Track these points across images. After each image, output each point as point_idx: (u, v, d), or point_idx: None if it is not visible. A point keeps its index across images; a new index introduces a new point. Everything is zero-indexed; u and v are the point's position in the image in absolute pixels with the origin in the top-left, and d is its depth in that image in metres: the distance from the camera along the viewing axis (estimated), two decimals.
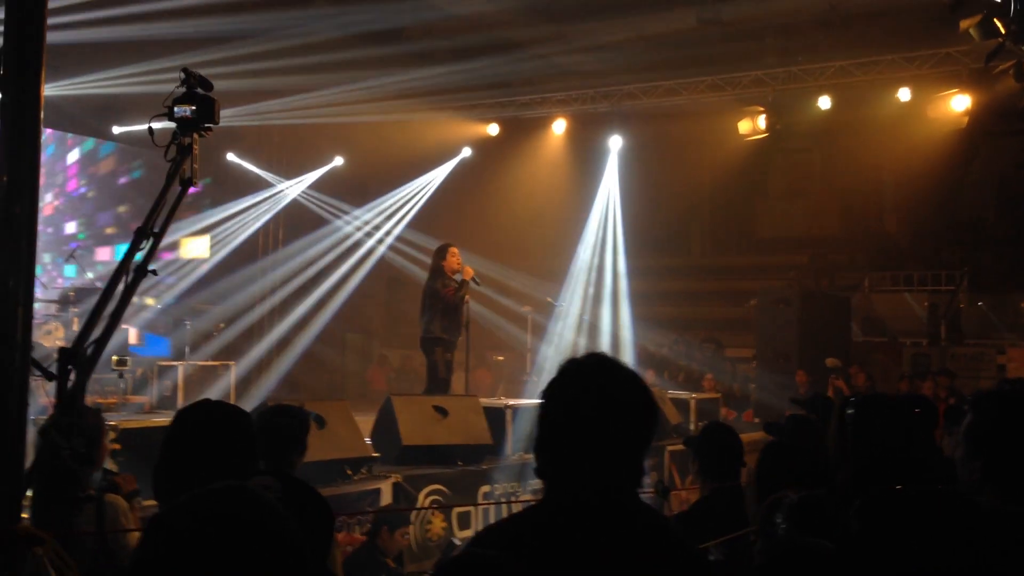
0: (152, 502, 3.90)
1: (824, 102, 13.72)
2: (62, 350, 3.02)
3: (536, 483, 2.19)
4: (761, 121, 14.26)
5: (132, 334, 12.52)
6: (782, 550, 2.46)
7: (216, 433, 2.69)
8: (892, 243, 20.03)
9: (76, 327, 10.59)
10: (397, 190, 17.01)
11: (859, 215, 20.50)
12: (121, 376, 9.02)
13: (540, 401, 2.10)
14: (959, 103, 12.80)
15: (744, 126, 14.51)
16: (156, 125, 3.62)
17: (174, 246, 15.28)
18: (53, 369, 3.01)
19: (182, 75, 3.55)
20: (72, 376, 3.02)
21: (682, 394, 11.39)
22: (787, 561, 2.38)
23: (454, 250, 9.56)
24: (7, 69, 2.57)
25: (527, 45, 14.10)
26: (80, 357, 3.02)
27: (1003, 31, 9.85)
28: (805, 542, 2.43)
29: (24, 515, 2.69)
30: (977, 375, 14.93)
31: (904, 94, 13.28)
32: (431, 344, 9.41)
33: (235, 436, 2.71)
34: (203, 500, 1.35)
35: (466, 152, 16.84)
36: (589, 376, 2.08)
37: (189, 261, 15.44)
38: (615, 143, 15.84)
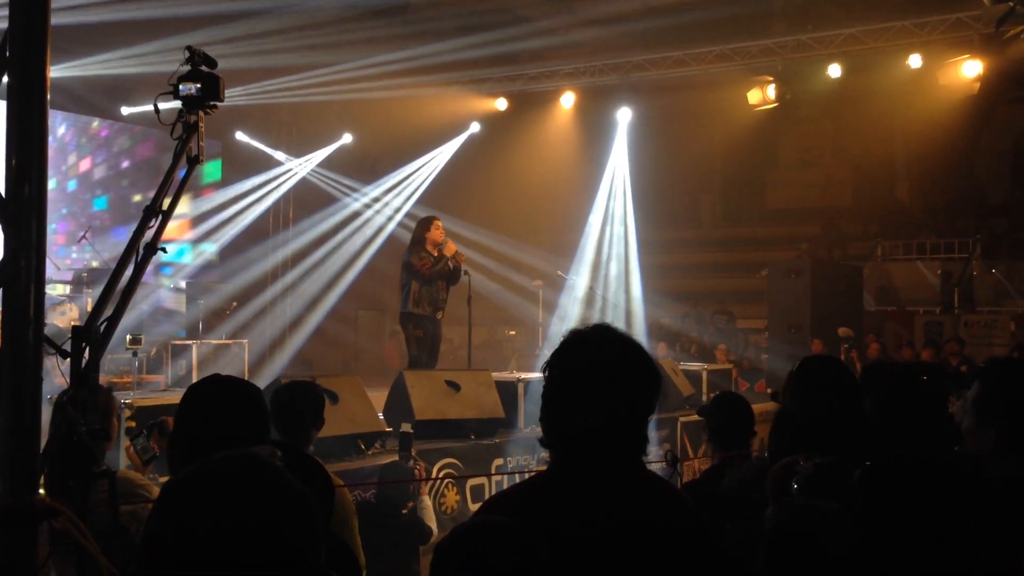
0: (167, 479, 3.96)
1: (834, 70, 13.58)
2: (75, 328, 3.07)
3: (547, 455, 2.20)
4: (771, 91, 14.15)
5: None
6: (791, 512, 2.47)
7: (226, 406, 2.74)
8: (904, 212, 19.94)
9: (90, 308, 10.65)
10: (406, 166, 17.00)
11: (871, 184, 20.39)
12: (135, 355, 9.07)
13: (544, 372, 2.13)
14: (970, 69, 12.65)
15: (754, 96, 14.40)
16: (162, 104, 3.64)
17: None
18: (67, 347, 3.06)
19: (186, 53, 3.56)
20: (86, 354, 3.06)
21: (694, 366, 11.39)
22: (797, 523, 2.40)
23: (438, 223, 9.27)
24: (13, 50, 2.59)
25: (534, 18, 14.02)
26: (93, 335, 3.06)
27: None
28: (813, 503, 2.44)
29: (40, 491, 2.73)
30: (990, 342, 14.91)
31: (915, 61, 13.14)
32: (404, 319, 9.25)
33: (246, 409, 2.75)
34: (213, 467, 1.37)
35: (475, 127, 16.78)
36: (591, 345, 2.10)
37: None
38: (624, 115, 15.75)
